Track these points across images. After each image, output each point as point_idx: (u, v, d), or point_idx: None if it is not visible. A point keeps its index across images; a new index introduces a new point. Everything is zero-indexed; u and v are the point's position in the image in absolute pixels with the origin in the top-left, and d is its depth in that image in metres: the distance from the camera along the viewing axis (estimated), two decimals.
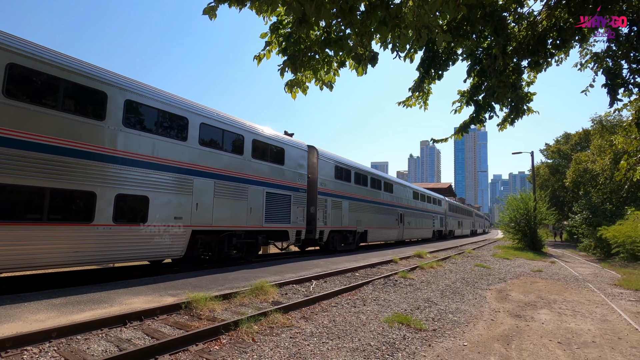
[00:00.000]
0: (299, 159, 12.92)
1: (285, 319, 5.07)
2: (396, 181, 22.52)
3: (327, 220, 14.20)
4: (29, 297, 5.49)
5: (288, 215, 12.10)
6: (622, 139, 8.36)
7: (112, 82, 7.42)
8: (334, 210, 14.73)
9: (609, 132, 23.50)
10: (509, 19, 5.32)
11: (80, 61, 7.09)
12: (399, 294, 7.33)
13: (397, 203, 21.67)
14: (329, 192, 14.57)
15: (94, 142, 7.03)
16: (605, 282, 10.48)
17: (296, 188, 12.60)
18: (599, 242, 20.08)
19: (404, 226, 22.48)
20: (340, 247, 15.53)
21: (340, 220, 15.15)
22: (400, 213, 21.99)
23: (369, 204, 18.07)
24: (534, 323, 5.68)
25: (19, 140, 6.03)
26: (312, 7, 2.38)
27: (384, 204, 19.78)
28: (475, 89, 5.58)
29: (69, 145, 6.65)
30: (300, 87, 3.81)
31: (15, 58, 6.14)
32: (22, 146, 6.06)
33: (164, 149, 8.34)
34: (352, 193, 16.40)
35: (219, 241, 9.88)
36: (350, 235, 16.35)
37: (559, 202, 37.34)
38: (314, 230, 13.53)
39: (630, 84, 5.19)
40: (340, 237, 15.59)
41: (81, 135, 6.85)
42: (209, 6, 2.86)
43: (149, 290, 6.41)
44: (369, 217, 17.78)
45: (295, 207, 12.42)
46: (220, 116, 10.04)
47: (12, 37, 6.28)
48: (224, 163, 9.84)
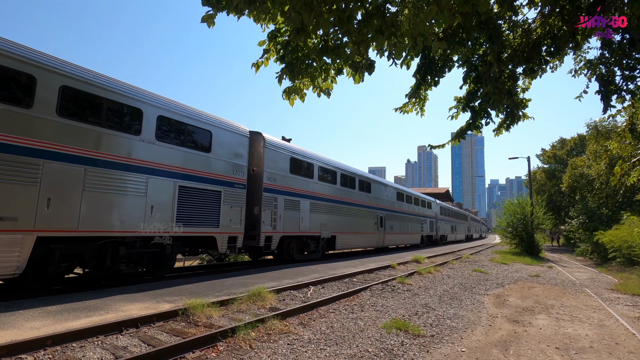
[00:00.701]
0: (236, 146, 10.21)
1: (283, 325, 5.05)
2: (375, 179, 19.69)
3: (278, 224, 11.56)
4: (24, 305, 5.43)
5: (216, 217, 9.29)
6: (616, 145, 8.45)
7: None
8: (289, 212, 12.14)
9: (604, 138, 23.72)
10: (504, 27, 5.40)
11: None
12: (397, 300, 7.31)
13: (376, 204, 18.93)
14: (281, 189, 11.94)
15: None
16: (603, 286, 10.51)
17: (229, 182, 9.82)
18: (596, 247, 20.15)
19: (385, 231, 19.74)
20: (298, 256, 13.11)
21: (297, 224, 12.54)
22: (381, 216, 19.29)
23: (339, 205, 15.29)
24: (531, 328, 5.68)
25: None
26: (311, 17, 2.42)
27: (358, 205, 17.08)
28: (471, 95, 5.64)
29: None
30: (298, 94, 3.84)
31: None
32: None
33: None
34: (315, 191, 13.67)
35: (96, 252, 7.34)
36: (313, 242, 13.67)
37: (556, 206, 37.51)
38: (257, 236, 10.83)
39: (623, 91, 5.27)
40: (298, 244, 13.12)
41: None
42: (208, 14, 2.89)
43: (146, 296, 6.36)
44: (338, 221, 15.09)
45: (228, 207, 9.63)
46: (97, 76, 7.22)
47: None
48: (106, 144, 7.15)
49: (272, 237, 11.36)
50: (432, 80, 5.44)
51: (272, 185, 11.61)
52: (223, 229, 9.46)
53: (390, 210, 20.81)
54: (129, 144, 7.60)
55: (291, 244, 12.74)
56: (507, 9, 4.53)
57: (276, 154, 11.99)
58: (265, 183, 11.33)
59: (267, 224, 11.19)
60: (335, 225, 14.91)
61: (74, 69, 6.93)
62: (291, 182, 12.50)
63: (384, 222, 19.63)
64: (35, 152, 6.18)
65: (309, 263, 11.96)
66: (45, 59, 6.49)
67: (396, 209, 21.84)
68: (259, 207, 11.08)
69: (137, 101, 7.79)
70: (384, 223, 19.62)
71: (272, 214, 11.43)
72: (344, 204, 15.79)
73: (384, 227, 19.54)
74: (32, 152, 6.14)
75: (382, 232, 19.34)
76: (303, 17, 2.42)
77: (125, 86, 7.70)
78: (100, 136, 7.11)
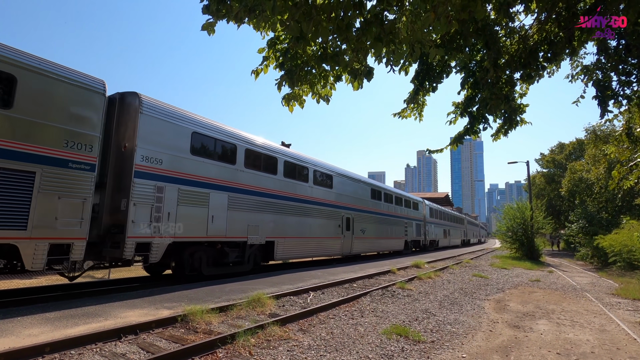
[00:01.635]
0: (76, 105, 6.87)
1: (283, 332, 5.03)
2: (339, 172, 16.10)
3: (164, 225, 8.19)
4: (23, 311, 5.41)
5: (20, 213, 5.99)
6: (614, 149, 8.49)
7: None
8: (189, 209, 8.78)
9: (603, 142, 23.82)
10: (501, 33, 5.46)
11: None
12: (397, 305, 7.29)
13: (339, 202, 15.50)
14: (174, 175, 8.55)
15: None
16: (603, 291, 10.48)
17: (57, 159, 6.52)
18: (596, 251, 20.13)
19: (354, 235, 16.29)
20: (208, 271, 9.49)
21: (203, 226, 9.10)
22: (347, 217, 15.89)
23: (280, 201, 11.86)
24: (532, 334, 5.66)
25: None
26: (310, 25, 2.45)
27: (313, 203, 13.59)
28: (469, 100, 5.68)
29: None
30: (297, 100, 3.87)
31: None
32: None
33: None
34: (239, 182, 10.32)
35: None
36: (235, 251, 10.21)
37: (556, 211, 37.52)
38: (121, 243, 7.45)
39: (619, 96, 5.31)
40: (209, 254, 9.58)
41: None
42: (208, 22, 2.93)
43: (145, 303, 6.34)
44: (278, 222, 11.69)
45: (50, 198, 6.34)
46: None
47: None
48: None
49: (150, 245, 7.89)
50: (430, 86, 5.47)
51: (155, 169, 8.17)
52: (37, 232, 6.12)
53: (361, 210, 17.42)
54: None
55: (196, 254, 9.20)
56: (504, 15, 4.58)
57: (165, 125, 8.52)
58: (140, 165, 7.86)
59: (141, 225, 7.74)
60: (274, 227, 11.47)
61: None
62: (193, 167, 9.02)
63: (351, 225, 16.17)
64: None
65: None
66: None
67: (370, 208, 18.41)
68: (126, 200, 7.67)
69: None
70: (351, 226, 16.15)
71: (154, 210, 8.00)
72: (288, 200, 12.28)
73: (351, 231, 16.06)
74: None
75: (350, 236, 15.93)
76: (302, 26, 2.45)
77: None
78: None
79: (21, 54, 6.32)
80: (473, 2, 2.75)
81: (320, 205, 14.18)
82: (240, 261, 10.48)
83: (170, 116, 8.77)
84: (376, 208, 19.26)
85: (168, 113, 8.76)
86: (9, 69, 6.06)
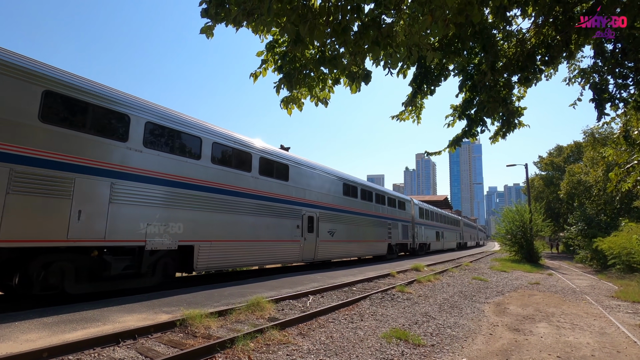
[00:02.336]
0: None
1: (282, 336, 5.00)
2: (299, 161, 13.38)
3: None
4: (20, 316, 5.37)
5: None
6: (611, 151, 8.53)
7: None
8: (34, 200, 6.10)
9: (601, 145, 23.90)
10: (499, 37, 5.50)
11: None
12: (397, 309, 7.26)
13: (299, 198, 12.93)
14: (4, 148, 5.86)
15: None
16: (603, 294, 10.47)
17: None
18: (595, 254, 20.14)
19: (319, 238, 13.76)
20: (77, 289, 6.91)
21: (64, 225, 6.44)
22: (309, 215, 13.32)
23: (203, 194, 9.18)
24: (532, 337, 5.64)
25: None
26: (306, 28, 2.46)
27: (256, 197, 10.90)
28: (467, 103, 5.71)
29: None
30: (296, 103, 3.88)
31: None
32: None
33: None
34: (131, 166, 7.63)
35: None
36: (123, 261, 7.50)
37: (554, 213, 37.57)
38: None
39: (616, 99, 5.34)
40: (78, 265, 6.90)
41: None
42: (206, 25, 2.94)
43: (143, 307, 6.30)
44: (202, 220, 9.05)
45: None
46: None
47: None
48: None
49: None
50: (428, 89, 5.50)
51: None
52: None
53: (329, 208, 14.84)
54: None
55: (55, 265, 6.53)
56: (501, 19, 4.61)
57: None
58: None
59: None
60: (195, 227, 8.84)
61: None
62: (43, 141, 6.35)
63: (315, 225, 13.67)
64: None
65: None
66: None
67: (342, 206, 15.78)
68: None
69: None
70: (315, 226, 13.66)
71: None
72: (218, 193, 9.65)
73: (315, 233, 13.59)
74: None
75: (313, 239, 13.47)
76: (299, 29, 2.46)
77: None
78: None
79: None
80: (469, 6, 2.77)
81: (269, 200, 11.49)
82: (133, 273, 7.80)
83: None
84: (350, 206, 16.39)
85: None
86: None
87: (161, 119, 8.45)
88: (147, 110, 8.19)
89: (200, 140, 9.32)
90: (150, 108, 8.32)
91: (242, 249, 10.36)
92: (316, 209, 13.88)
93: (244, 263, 10.86)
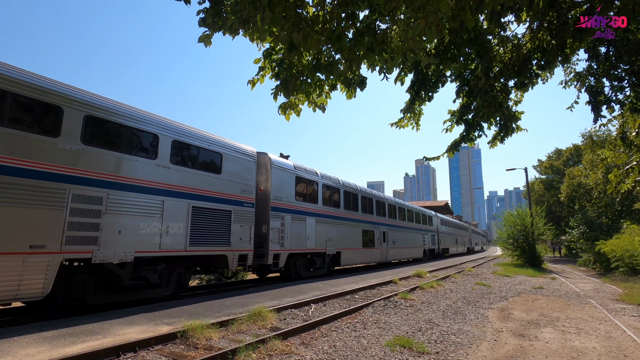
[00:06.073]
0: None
1: (285, 346, 4.94)
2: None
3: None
4: (19, 331, 5.31)
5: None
6: (610, 153, 8.54)
7: None
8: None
9: (599, 147, 23.95)
10: (494, 42, 5.56)
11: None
12: (400, 316, 7.19)
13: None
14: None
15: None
16: (607, 297, 10.38)
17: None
18: (598, 257, 20.02)
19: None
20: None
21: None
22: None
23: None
24: (538, 342, 5.57)
25: None
26: (300, 36, 2.49)
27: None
28: (464, 108, 5.74)
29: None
30: (293, 109, 3.90)
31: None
32: None
33: None
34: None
35: None
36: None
37: (556, 217, 37.45)
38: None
39: (612, 101, 5.37)
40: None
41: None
42: (204, 34, 2.98)
43: (144, 319, 6.24)
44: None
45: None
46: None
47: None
48: None
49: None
50: (426, 95, 5.54)
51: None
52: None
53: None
54: None
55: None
56: (496, 25, 4.67)
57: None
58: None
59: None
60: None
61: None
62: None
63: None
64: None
65: (313, 280, 12.57)
66: None
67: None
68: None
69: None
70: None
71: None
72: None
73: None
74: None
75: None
76: (292, 37, 2.49)
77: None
78: None
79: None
80: (463, 12, 2.80)
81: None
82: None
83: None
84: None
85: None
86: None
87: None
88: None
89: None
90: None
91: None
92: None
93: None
